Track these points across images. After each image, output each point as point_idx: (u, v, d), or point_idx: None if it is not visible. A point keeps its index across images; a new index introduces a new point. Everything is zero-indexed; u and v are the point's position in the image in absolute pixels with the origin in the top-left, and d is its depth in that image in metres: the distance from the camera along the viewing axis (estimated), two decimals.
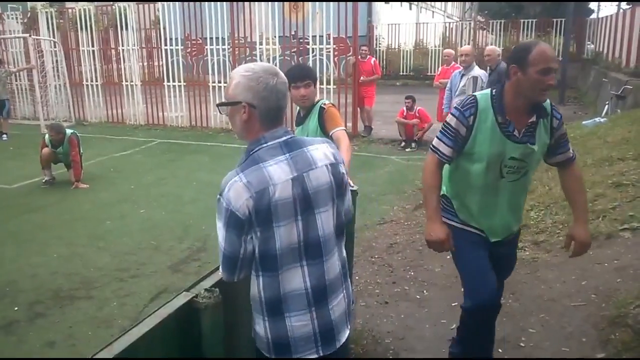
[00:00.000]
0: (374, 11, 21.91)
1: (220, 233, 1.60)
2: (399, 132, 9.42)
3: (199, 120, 11.68)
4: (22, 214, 6.07)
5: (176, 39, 11.76)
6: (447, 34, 22.50)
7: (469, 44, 15.38)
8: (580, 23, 19.81)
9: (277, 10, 10.98)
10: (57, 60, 12.42)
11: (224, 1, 11.04)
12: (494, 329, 2.69)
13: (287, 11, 11.26)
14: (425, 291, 3.97)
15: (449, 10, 36.54)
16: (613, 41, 15.72)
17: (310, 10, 10.78)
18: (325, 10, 10.27)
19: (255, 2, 11.04)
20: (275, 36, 11.24)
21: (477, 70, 6.26)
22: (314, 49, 10.59)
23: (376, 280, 4.15)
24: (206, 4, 11.17)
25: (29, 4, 15.55)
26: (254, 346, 1.77)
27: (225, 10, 11.01)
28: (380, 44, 21.92)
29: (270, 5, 10.91)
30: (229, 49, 11.38)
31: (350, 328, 1.85)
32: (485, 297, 2.46)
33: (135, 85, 12.23)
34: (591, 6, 31.95)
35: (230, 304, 1.86)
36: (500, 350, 3.07)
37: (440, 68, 9.50)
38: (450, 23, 24.77)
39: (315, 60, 10.51)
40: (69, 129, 7.42)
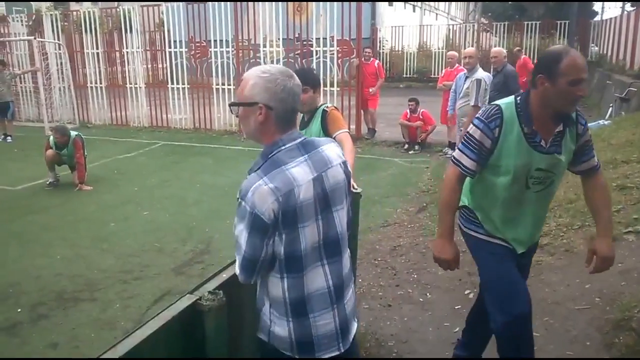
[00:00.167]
0: (378, 13, 21.95)
1: (242, 236, 1.59)
2: (403, 135, 9.42)
3: (202, 122, 11.70)
4: (26, 215, 6.09)
5: (180, 41, 11.79)
6: (451, 36, 22.52)
7: (472, 46, 15.37)
8: (584, 25, 19.77)
9: (281, 12, 11.00)
10: (62, 63, 12.46)
11: (228, 1, 11.07)
12: (533, 340, 2.48)
13: (291, 13, 11.28)
14: (428, 294, 3.96)
15: (453, 13, 36.58)
16: (617, 43, 15.70)
17: (314, 13, 10.77)
18: (329, 13, 10.29)
19: (259, 5, 11.07)
20: (279, 38, 11.25)
21: (481, 73, 6.24)
22: (317, 51, 10.59)
23: (379, 283, 4.15)
24: (210, 7, 11.21)
25: (33, 6, 15.61)
26: (265, 347, 1.77)
27: (229, 12, 11.04)
28: (383, 47, 21.94)
29: (274, 7, 10.92)
30: (232, 51, 11.40)
31: (357, 321, 1.88)
32: (521, 307, 2.32)
33: (139, 87, 12.28)
34: (595, 8, 31.91)
35: (234, 307, 1.86)
36: None
37: (444, 70, 9.50)
38: (453, 25, 24.79)
39: (318, 62, 10.50)
40: (73, 131, 7.45)
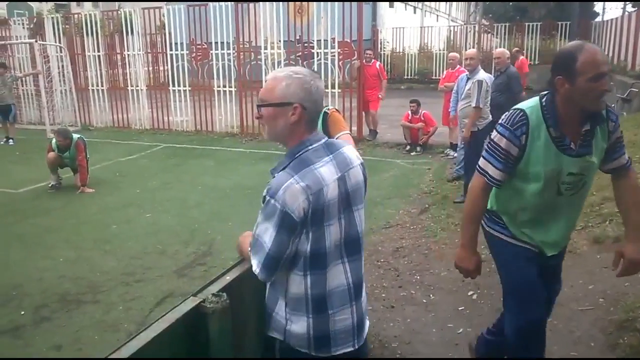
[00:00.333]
0: (379, 15, 21.97)
1: (267, 234, 1.60)
2: (404, 136, 9.41)
3: (204, 124, 11.71)
4: (29, 218, 6.09)
5: (181, 43, 11.80)
6: (452, 38, 22.51)
7: (473, 48, 15.37)
8: (585, 26, 19.78)
9: (282, 14, 11.01)
10: (63, 66, 12.47)
11: (230, 1, 11.08)
12: (544, 348, 2.48)
13: (292, 15, 11.29)
14: (431, 295, 3.96)
15: (454, 14, 36.60)
16: (618, 44, 15.70)
17: (315, 14, 10.78)
18: (330, 14, 10.29)
19: (260, 7, 11.08)
20: (280, 40, 11.26)
21: (482, 74, 6.23)
22: (318, 53, 10.59)
23: (382, 284, 4.15)
24: (211, 9, 11.22)
25: (35, 9, 15.64)
26: (280, 346, 1.78)
27: (230, 14, 11.05)
28: (384, 48, 21.96)
29: (275, 9, 10.93)
30: (233, 53, 11.42)
31: (367, 318, 1.91)
32: (537, 314, 2.31)
33: (141, 90, 12.28)
34: (596, 9, 31.87)
35: (238, 309, 1.85)
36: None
37: (445, 72, 9.49)
38: (454, 26, 24.78)
39: (319, 64, 10.51)
40: (75, 133, 7.45)
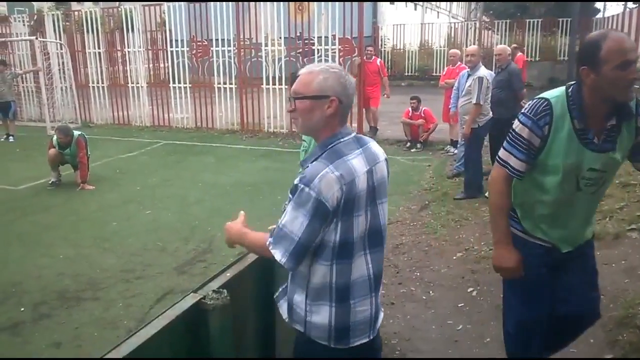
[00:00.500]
0: (379, 12, 21.92)
1: (298, 222, 1.61)
2: (405, 133, 9.41)
3: (204, 121, 11.71)
4: (28, 215, 6.09)
5: (182, 40, 11.80)
6: (452, 34, 22.47)
7: (474, 44, 15.34)
8: (586, 23, 19.70)
9: (283, 11, 10.99)
10: (63, 63, 12.45)
11: (230, 0, 11.06)
12: (542, 347, 2.37)
13: (293, 12, 11.27)
14: (431, 292, 3.96)
15: (454, 11, 36.48)
16: None
17: (316, 11, 10.75)
18: (330, 11, 10.27)
19: (261, 3, 11.05)
20: (280, 37, 11.24)
21: (483, 71, 6.22)
22: (319, 49, 10.58)
23: (382, 281, 4.14)
24: (211, 6, 11.20)
25: (35, 6, 15.62)
26: (300, 339, 1.78)
27: (230, 11, 11.03)
28: (385, 45, 21.92)
29: (275, 6, 10.91)
30: (234, 50, 11.40)
31: (382, 310, 1.94)
32: (538, 311, 2.25)
33: (141, 87, 12.28)
34: (597, 6, 31.79)
35: (239, 305, 1.85)
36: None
37: (446, 68, 9.47)
38: (455, 23, 24.72)
39: (320, 61, 10.49)
40: (76, 130, 7.45)
